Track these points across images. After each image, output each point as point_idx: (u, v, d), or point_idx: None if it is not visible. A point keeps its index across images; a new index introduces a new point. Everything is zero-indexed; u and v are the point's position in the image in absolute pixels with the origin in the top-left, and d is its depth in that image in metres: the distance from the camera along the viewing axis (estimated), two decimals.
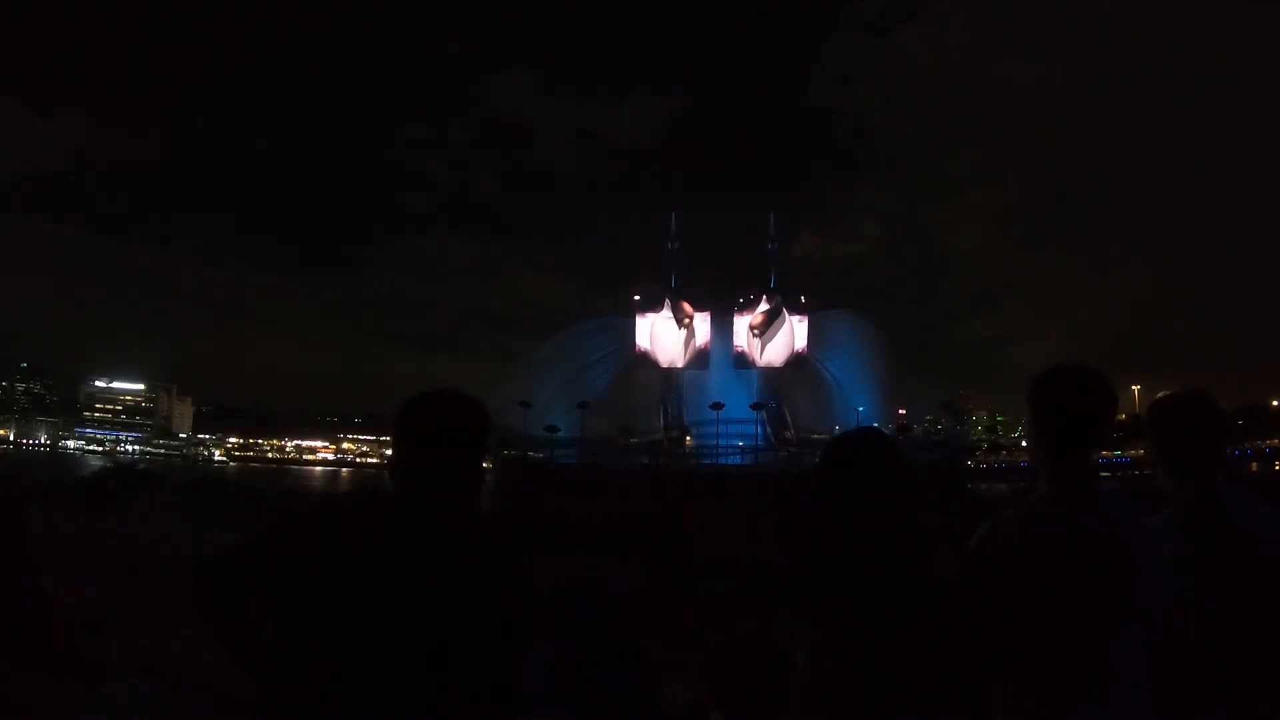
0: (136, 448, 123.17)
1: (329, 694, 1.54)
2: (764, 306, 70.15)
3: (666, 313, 69.83)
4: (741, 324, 70.04)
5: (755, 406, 65.09)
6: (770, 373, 69.41)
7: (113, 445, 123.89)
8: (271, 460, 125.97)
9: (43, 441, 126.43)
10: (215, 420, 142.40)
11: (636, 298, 71.07)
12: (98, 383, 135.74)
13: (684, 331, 69.60)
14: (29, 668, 3.32)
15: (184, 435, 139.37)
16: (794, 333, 69.78)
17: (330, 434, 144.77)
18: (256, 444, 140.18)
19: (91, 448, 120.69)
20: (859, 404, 67.58)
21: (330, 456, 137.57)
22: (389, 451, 1.81)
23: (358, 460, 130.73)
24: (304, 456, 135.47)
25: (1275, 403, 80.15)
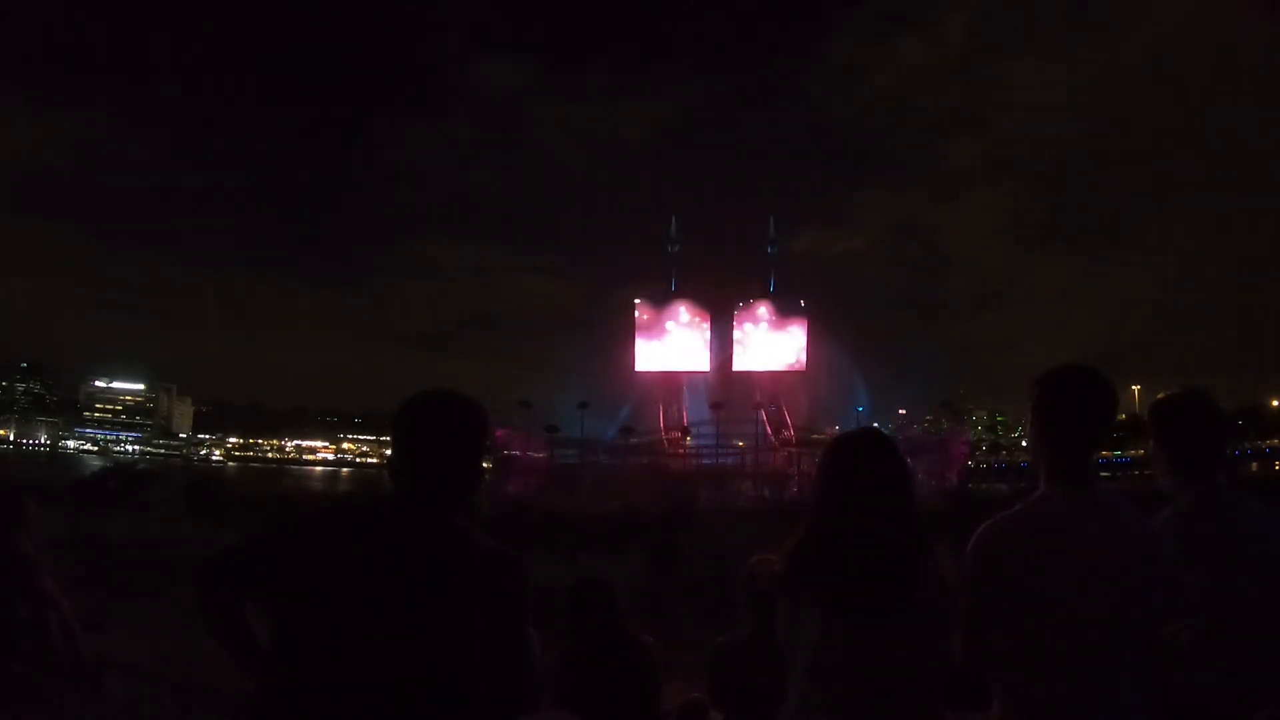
0: (136, 448, 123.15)
1: (323, 695, 1.54)
2: (764, 307, 70.09)
3: (667, 315, 69.83)
4: (741, 325, 70.00)
5: (755, 407, 65.08)
6: (770, 373, 69.32)
7: (106, 445, 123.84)
8: (271, 460, 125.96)
9: (43, 441, 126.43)
10: (215, 420, 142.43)
11: (637, 300, 71.07)
12: (98, 383, 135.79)
13: (684, 333, 69.58)
14: (29, 668, 3.32)
15: (184, 435, 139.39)
16: (793, 333, 69.72)
17: (330, 434, 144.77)
18: (256, 444, 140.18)
19: (87, 447, 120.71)
20: (859, 404, 67.76)
21: (330, 456, 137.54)
22: (389, 451, 1.81)
23: (358, 460, 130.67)
24: (304, 456, 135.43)
25: (1275, 403, 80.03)
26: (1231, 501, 2.16)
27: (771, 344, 69.67)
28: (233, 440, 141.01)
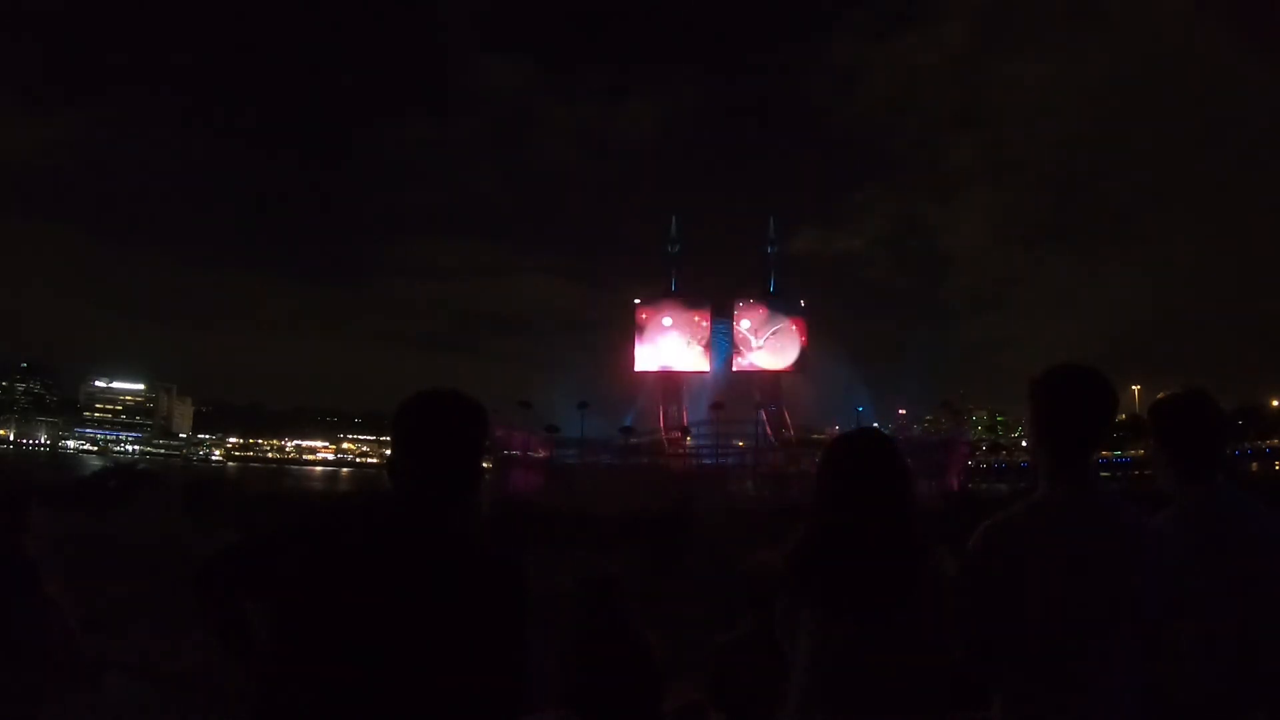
0: (136, 448, 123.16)
1: (322, 696, 1.53)
2: (764, 307, 70.03)
3: (666, 315, 69.80)
4: (741, 325, 69.96)
5: (755, 407, 65.04)
6: (769, 373, 69.30)
7: (106, 445, 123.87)
8: (271, 460, 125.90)
9: (43, 441, 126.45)
10: (215, 420, 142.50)
11: (637, 301, 71.02)
12: (98, 383, 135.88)
13: (684, 333, 69.55)
14: (29, 668, 3.32)
15: (184, 435, 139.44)
16: (793, 333, 69.66)
17: (330, 434, 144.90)
18: (256, 444, 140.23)
19: (87, 447, 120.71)
20: (859, 404, 67.77)
21: (330, 456, 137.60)
22: (389, 451, 1.81)
23: (358, 460, 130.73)
24: (304, 456, 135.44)
25: (1275, 403, 79.88)
26: (1232, 501, 2.16)
27: (771, 344, 69.63)
28: (233, 440, 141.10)
